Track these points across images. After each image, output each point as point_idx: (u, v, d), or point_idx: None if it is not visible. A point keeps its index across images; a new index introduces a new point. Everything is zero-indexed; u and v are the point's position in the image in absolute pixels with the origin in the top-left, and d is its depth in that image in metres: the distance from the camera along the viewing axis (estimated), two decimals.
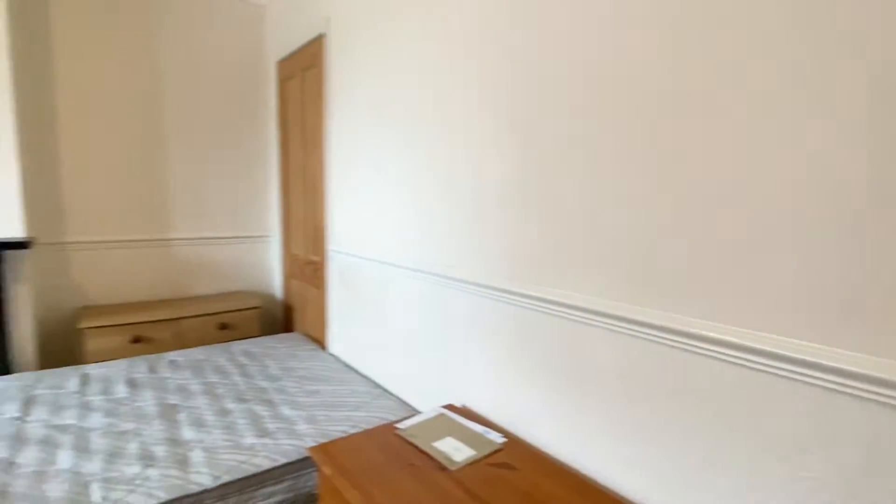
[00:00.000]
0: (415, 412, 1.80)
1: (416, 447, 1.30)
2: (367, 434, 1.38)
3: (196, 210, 2.94)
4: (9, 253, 2.13)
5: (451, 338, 1.64)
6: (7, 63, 2.09)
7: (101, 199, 2.66)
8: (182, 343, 2.59)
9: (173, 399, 1.87)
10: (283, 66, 2.87)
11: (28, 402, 1.78)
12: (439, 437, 1.34)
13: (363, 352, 2.22)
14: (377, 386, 2.04)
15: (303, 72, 2.60)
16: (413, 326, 1.86)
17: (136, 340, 2.45)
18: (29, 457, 1.44)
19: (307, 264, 2.74)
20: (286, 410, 1.78)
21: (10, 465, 1.40)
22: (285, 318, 3.11)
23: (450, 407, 1.55)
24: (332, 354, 2.41)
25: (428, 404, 1.79)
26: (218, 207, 3.02)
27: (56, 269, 2.56)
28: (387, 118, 1.93)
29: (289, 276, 3.02)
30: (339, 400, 1.87)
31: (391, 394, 1.97)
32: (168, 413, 1.75)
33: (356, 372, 2.20)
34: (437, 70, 1.64)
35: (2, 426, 1.60)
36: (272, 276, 3.24)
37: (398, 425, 1.41)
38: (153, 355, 2.31)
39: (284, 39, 2.79)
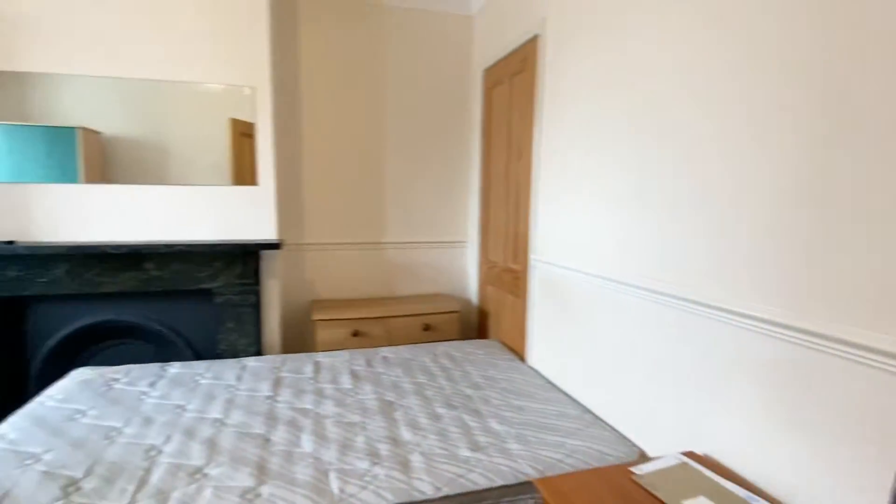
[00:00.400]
0: (633, 447, 1.59)
1: (661, 502, 1.10)
2: (598, 474, 1.22)
3: (404, 216, 3.14)
4: (265, 252, 2.50)
5: (698, 374, 1.39)
6: (269, 95, 2.46)
7: (330, 207, 3.00)
8: (391, 340, 2.77)
9: (389, 395, 1.96)
10: (489, 74, 2.89)
11: (276, 384, 2.05)
12: (688, 493, 1.12)
13: (567, 370, 2.07)
14: (586, 410, 1.87)
15: (511, 77, 2.57)
16: (636, 352, 1.64)
17: (355, 334, 2.69)
18: (279, 436, 1.63)
19: (505, 272, 2.70)
20: (494, 424, 1.73)
21: (266, 441, 1.60)
22: (480, 323, 3.13)
23: (691, 455, 1.31)
24: (532, 368, 2.32)
25: (654, 444, 1.56)
26: (421, 213, 3.18)
27: (295, 266, 2.97)
28: (617, 116, 1.75)
29: (485, 282, 3.03)
30: (548, 421, 1.76)
31: (604, 422, 1.78)
32: (386, 410, 1.84)
33: (560, 391, 2.06)
34: (697, 58, 1.41)
35: (259, 404, 1.86)
36: (468, 281, 3.30)
37: (634, 469, 1.23)
38: (369, 349, 2.49)
39: (493, 46, 2.80)
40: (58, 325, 2.32)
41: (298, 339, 3.01)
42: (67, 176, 2.26)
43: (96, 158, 2.29)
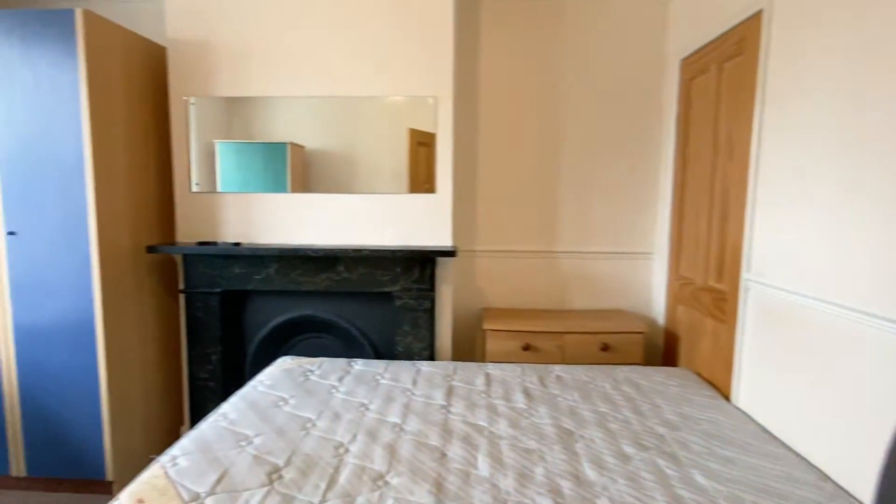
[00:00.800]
0: None
1: None
2: None
3: (580, 223, 2.93)
4: (440, 259, 2.53)
5: None
6: (450, 104, 2.48)
7: (503, 214, 2.94)
8: (564, 357, 2.58)
9: (567, 423, 1.79)
10: (688, 63, 2.52)
11: (449, 393, 2.03)
12: None
13: (794, 420, 1.66)
14: (824, 477, 1.46)
15: (721, 63, 2.19)
16: None
17: (526, 348, 2.57)
18: (455, 452, 1.57)
19: (704, 291, 2.32)
20: (698, 477, 1.45)
21: (442, 455, 1.56)
22: (667, 347, 2.76)
23: None
24: (740, 410, 1.93)
25: None
26: (600, 221, 2.93)
27: (466, 273, 2.97)
28: (889, 104, 1.33)
29: (675, 300, 2.66)
30: (771, 484, 1.41)
31: (854, 498, 1.37)
32: (565, 440, 1.67)
33: (782, 444, 1.66)
34: None
35: (434, 413, 1.85)
36: (653, 297, 2.94)
37: None
38: (541, 366, 2.35)
39: (694, 31, 2.44)
40: (268, 317, 2.65)
41: (467, 347, 3.00)
42: (279, 186, 2.56)
43: (300, 170, 2.56)
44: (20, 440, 2.31)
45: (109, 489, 2.35)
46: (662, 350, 2.82)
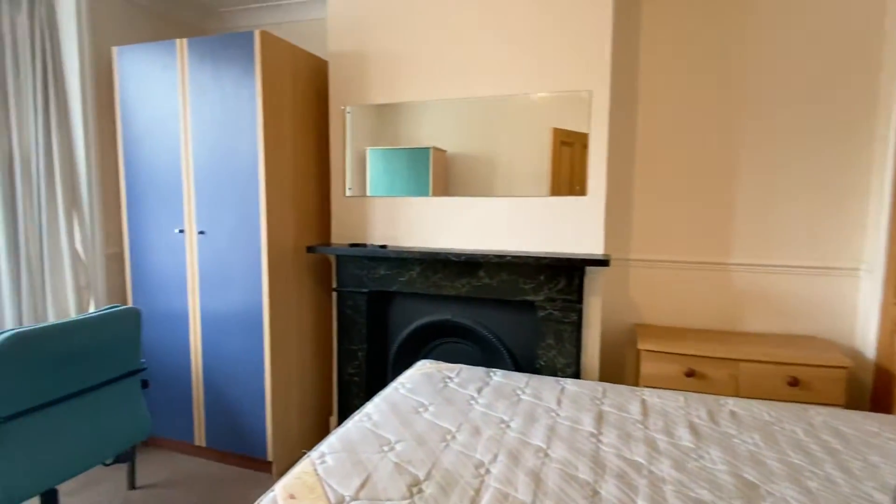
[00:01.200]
0: None
1: None
2: None
3: (761, 230, 2.48)
4: (589, 268, 2.32)
5: None
6: (606, 98, 2.26)
7: (663, 218, 2.62)
8: (737, 389, 2.20)
9: (749, 473, 1.48)
10: None
11: (599, 419, 1.82)
12: None
13: None
14: None
15: None
16: None
17: (690, 374, 2.24)
18: (609, 491, 1.38)
19: None
20: None
21: (594, 493, 1.38)
22: (877, 388, 2.20)
23: None
24: None
25: None
26: (788, 229, 2.45)
27: (618, 284, 2.70)
28: None
29: (892, 330, 2.10)
30: None
31: None
32: (749, 494, 1.38)
33: None
34: None
35: (583, 441, 1.66)
36: (859, 324, 2.38)
37: None
38: (709, 397, 2.02)
39: None
40: (410, 319, 2.68)
41: (617, 367, 2.73)
42: (422, 190, 2.58)
43: (441, 174, 2.54)
44: (202, 413, 2.64)
45: (269, 468, 2.57)
46: (871, 391, 2.26)
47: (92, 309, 2.69)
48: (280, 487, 1.37)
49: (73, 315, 2.59)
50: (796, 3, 2.36)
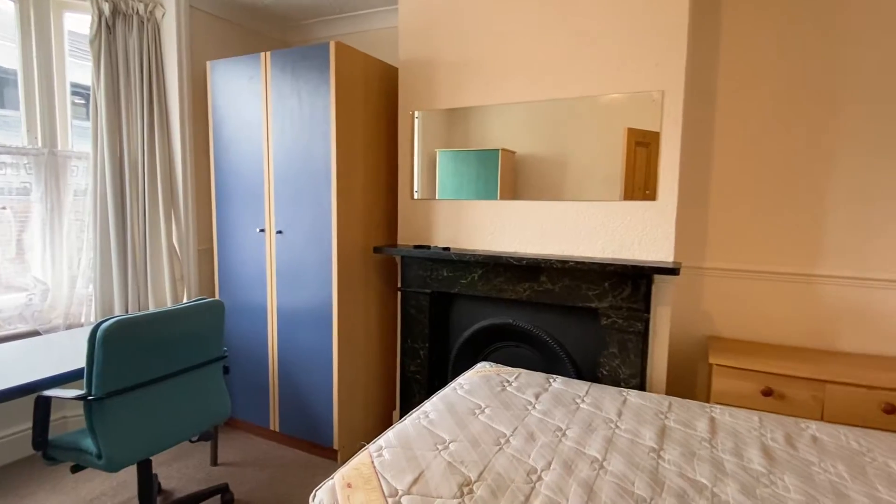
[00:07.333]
0: None
1: None
2: None
3: (857, 240, 2.26)
4: (657, 276, 2.22)
5: None
6: (680, 97, 2.16)
7: (742, 225, 2.46)
8: (822, 413, 2.02)
9: (827, 503, 1.37)
10: None
11: (662, 434, 1.75)
12: None
13: None
14: None
15: None
16: None
17: (767, 393, 2.09)
18: None
19: None
20: None
21: None
22: None
23: None
24: None
25: None
26: (886, 239, 2.21)
27: (690, 293, 2.57)
28: None
29: None
30: None
31: None
32: None
33: None
34: None
35: (642, 455, 1.61)
36: None
37: None
38: (788, 419, 1.87)
39: None
40: (471, 321, 2.71)
41: (686, 382, 2.59)
42: (489, 193, 2.59)
43: (509, 176, 2.54)
44: (277, 400, 2.83)
45: (335, 456, 2.70)
46: None
47: (185, 300, 2.98)
48: (339, 476, 1.45)
49: (169, 304, 2.88)
50: None
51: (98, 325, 1.72)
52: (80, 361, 2.03)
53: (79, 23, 2.77)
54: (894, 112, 2.17)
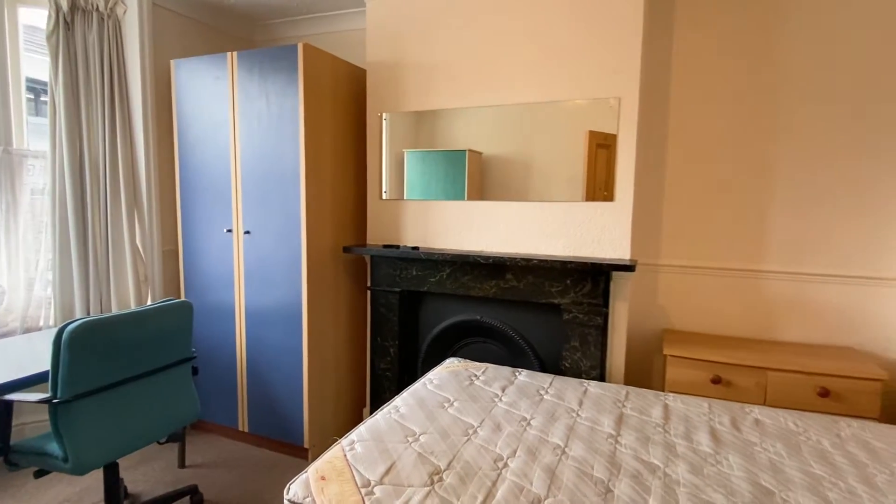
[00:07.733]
0: None
1: None
2: None
3: (796, 238, 2.44)
4: (615, 273, 2.35)
5: None
6: (636, 104, 2.28)
7: (693, 224, 2.61)
8: (765, 398, 2.18)
9: (767, 480, 1.50)
10: None
11: (619, 421, 1.86)
12: None
13: None
14: None
15: None
16: None
17: (716, 381, 2.24)
18: (623, 491, 1.43)
19: None
20: None
21: (607, 491, 1.43)
22: None
23: None
24: None
25: None
26: (824, 236, 2.40)
27: (646, 289, 2.71)
28: None
29: None
30: None
31: None
32: (763, 501, 1.40)
33: None
34: None
35: (600, 441, 1.71)
36: None
37: None
38: (735, 404, 2.02)
39: None
40: (439, 318, 2.78)
41: (643, 372, 2.74)
42: (457, 193, 2.66)
43: (476, 177, 2.62)
44: (246, 401, 2.83)
45: (306, 455, 2.72)
46: None
47: (149, 301, 2.93)
48: (313, 469, 1.49)
49: (132, 306, 2.83)
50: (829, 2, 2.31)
51: (64, 326, 1.70)
52: (39, 365, 1.99)
53: (35, 17, 2.70)
54: (831, 114, 2.36)
